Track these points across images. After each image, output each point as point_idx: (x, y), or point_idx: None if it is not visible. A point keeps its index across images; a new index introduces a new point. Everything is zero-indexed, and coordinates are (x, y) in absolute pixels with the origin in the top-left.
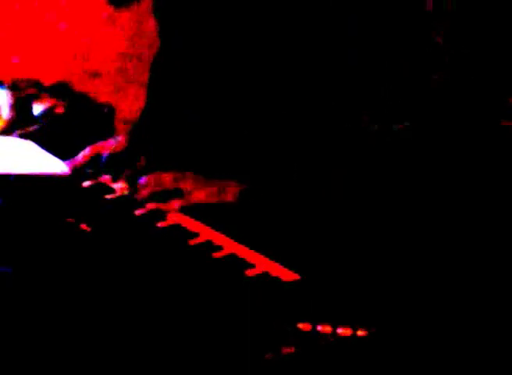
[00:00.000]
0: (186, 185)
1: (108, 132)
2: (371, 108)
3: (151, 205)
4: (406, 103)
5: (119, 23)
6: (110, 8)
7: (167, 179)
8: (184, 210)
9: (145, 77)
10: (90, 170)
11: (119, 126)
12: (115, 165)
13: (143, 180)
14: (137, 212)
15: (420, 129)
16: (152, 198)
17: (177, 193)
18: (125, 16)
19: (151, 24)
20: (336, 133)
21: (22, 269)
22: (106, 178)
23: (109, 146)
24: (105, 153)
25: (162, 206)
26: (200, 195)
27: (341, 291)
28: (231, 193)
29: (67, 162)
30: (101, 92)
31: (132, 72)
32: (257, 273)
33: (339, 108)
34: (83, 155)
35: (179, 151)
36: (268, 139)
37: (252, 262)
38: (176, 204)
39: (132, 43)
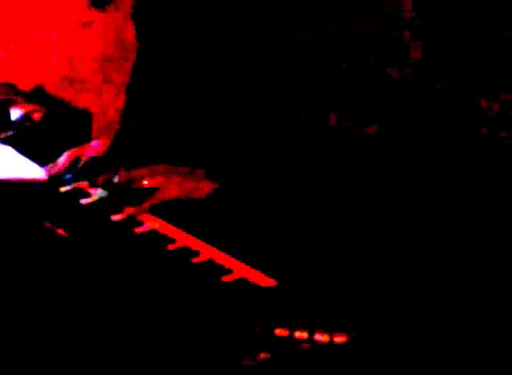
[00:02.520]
0: (157, 181)
1: (86, 137)
2: (339, 107)
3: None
4: (375, 104)
5: (96, 28)
6: (87, 14)
7: (138, 176)
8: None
9: (123, 81)
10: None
11: (97, 130)
12: (93, 170)
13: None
14: (114, 218)
15: (389, 131)
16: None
17: (147, 192)
18: (104, 20)
19: (128, 29)
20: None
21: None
22: (83, 184)
23: (88, 150)
24: (83, 158)
25: (135, 209)
26: (171, 193)
27: (318, 297)
28: (203, 191)
29: (46, 167)
30: (78, 97)
31: (109, 76)
32: (235, 278)
33: (306, 106)
34: (62, 160)
35: (157, 148)
36: (240, 139)
37: (229, 267)
38: (146, 204)
39: (109, 48)
